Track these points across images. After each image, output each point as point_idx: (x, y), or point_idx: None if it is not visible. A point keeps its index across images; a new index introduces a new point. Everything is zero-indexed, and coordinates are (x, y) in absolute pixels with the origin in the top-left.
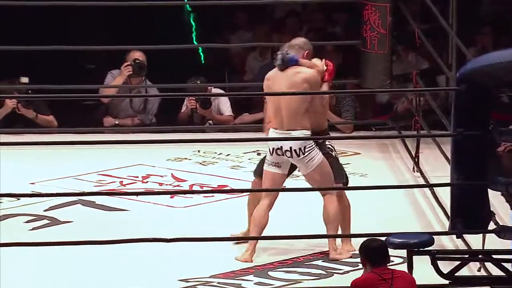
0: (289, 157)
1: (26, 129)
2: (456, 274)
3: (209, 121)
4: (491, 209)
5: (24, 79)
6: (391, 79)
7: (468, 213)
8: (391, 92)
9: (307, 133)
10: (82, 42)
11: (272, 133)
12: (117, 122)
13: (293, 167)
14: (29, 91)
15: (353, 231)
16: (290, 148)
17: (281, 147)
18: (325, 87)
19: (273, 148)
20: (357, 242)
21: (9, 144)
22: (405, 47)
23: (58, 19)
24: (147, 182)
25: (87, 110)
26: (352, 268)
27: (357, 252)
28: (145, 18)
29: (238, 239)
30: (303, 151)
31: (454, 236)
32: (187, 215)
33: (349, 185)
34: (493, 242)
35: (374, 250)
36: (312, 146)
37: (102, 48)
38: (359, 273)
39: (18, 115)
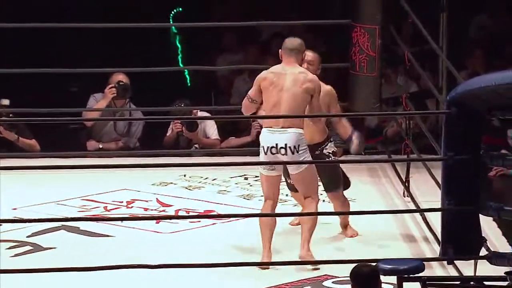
0: (283, 154)
1: (8, 153)
2: None
3: (195, 145)
4: (483, 235)
5: (5, 101)
6: (380, 102)
7: (459, 239)
8: (381, 115)
9: (301, 132)
10: (65, 65)
11: (265, 133)
12: (101, 146)
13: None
14: (11, 115)
15: (342, 257)
16: (285, 145)
17: (276, 144)
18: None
19: (268, 147)
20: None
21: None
22: (395, 70)
23: (42, 40)
24: (132, 207)
25: (71, 133)
26: None
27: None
28: (130, 40)
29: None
30: (297, 149)
31: (445, 262)
32: (173, 241)
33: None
34: (484, 268)
35: (365, 276)
36: (305, 146)
37: (85, 71)
38: None
39: None
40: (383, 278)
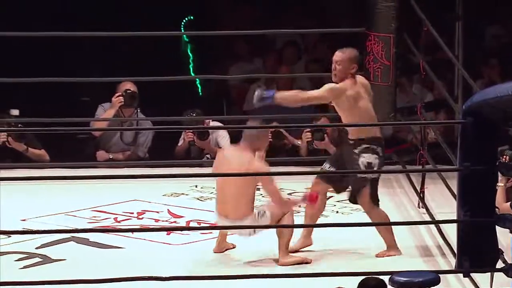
0: None
1: (17, 163)
2: None
3: (207, 155)
4: (499, 247)
5: (15, 112)
6: (395, 112)
7: (476, 251)
8: (395, 125)
9: None
10: (76, 74)
11: None
12: (111, 156)
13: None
14: (20, 125)
15: (355, 269)
16: None
17: None
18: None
19: None
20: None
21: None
22: (410, 79)
23: (53, 49)
24: (143, 218)
25: (80, 144)
26: None
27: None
28: (142, 49)
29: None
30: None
31: (461, 275)
32: (184, 252)
33: (353, 222)
34: (501, 281)
35: None
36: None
37: (94, 80)
38: None
39: (8, 148)
40: None
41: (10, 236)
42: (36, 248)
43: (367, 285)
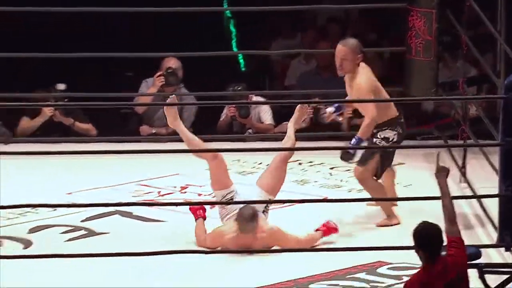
0: None
1: (63, 137)
2: None
3: (249, 130)
4: None
5: (61, 86)
6: (437, 87)
7: None
8: (437, 100)
9: None
10: (120, 49)
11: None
12: (154, 131)
13: None
14: (66, 99)
15: (397, 243)
16: None
17: None
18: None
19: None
20: (401, 254)
21: (46, 153)
22: (452, 54)
23: (97, 24)
24: (186, 192)
25: (124, 118)
26: (396, 282)
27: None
28: (185, 24)
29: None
30: None
31: (503, 249)
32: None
33: (394, 196)
34: None
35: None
36: None
37: (138, 55)
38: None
39: (55, 123)
40: None
41: (55, 209)
42: (81, 221)
43: (426, 230)
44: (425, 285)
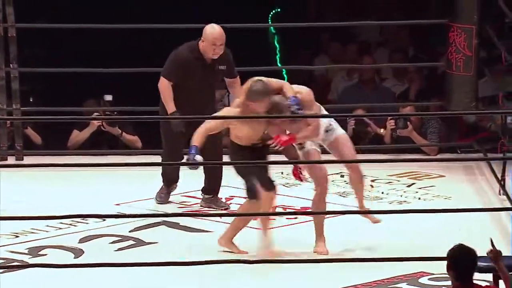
0: None
1: (111, 150)
2: None
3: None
4: None
5: (108, 97)
6: (477, 101)
7: None
8: (477, 114)
9: None
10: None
11: None
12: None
13: None
14: (115, 112)
15: (437, 254)
16: None
17: None
18: None
19: None
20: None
21: (95, 165)
22: (492, 69)
23: (147, 39)
24: (231, 203)
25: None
26: None
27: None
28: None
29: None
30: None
31: None
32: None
33: (433, 208)
34: None
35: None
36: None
37: None
38: None
39: (103, 134)
40: (479, 275)
41: (105, 220)
42: (130, 231)
43: (458, 253)
44: None
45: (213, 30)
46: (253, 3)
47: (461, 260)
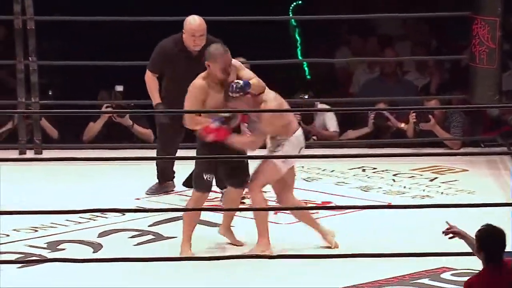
0: None
1: (134, 144)
2: None
3: (313, 137)
4: None
5: (119, 87)
6: (500, 94)
7: None
8: (500, 107)
9: None
10: None
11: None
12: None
13: None
14: (132, 104)
15: (462, 249)
16: None
17: None
18: None
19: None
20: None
21: (114, 159)
22: None
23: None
24: (250, 198)
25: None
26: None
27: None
28: (250, 32)
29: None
30: None
31: None
32: (291, 232)
33: (456, 203)
34: None
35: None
36: None
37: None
38: None
39: (115, 125)
40: None
41: (124, 214)
42: (149, 226)
43: (489, 232)
44: (485, 285)
45: (192, 21)
46: None
47: (492, 240)
